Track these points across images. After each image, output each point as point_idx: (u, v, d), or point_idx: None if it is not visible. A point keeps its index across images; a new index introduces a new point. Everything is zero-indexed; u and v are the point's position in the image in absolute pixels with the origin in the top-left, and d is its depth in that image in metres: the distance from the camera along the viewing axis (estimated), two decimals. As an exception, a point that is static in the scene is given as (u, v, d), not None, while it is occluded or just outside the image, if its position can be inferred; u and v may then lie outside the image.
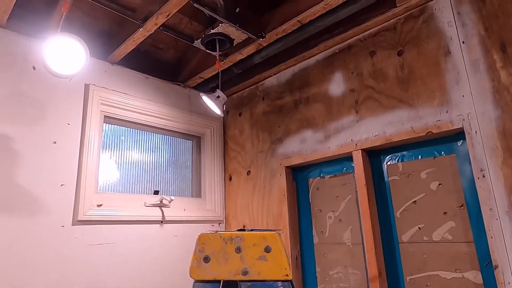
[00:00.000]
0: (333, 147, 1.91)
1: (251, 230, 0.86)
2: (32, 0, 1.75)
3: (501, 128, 1.36)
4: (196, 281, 0.83)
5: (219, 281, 0.82)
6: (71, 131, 1.80)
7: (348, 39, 1.93)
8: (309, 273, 2.01)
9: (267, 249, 0.79)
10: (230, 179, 2.47)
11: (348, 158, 1.90)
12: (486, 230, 1.34)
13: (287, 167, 2.13)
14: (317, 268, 1.98)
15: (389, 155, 1.80)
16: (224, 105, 1.89)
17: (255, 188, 2.27)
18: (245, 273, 0.79)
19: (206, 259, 0.82)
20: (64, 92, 1.82)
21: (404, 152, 1.74)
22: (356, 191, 1.83)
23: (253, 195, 2.28)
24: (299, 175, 2.17)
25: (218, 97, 1.84)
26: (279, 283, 0.76)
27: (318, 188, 2.06)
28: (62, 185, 1.70)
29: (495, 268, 1.30)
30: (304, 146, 2.05)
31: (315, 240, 2.02)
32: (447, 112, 1.52)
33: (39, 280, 1.54)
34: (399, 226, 1.70)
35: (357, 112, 1.84)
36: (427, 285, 1.56)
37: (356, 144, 1.81)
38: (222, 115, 2.04)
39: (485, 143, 1.39)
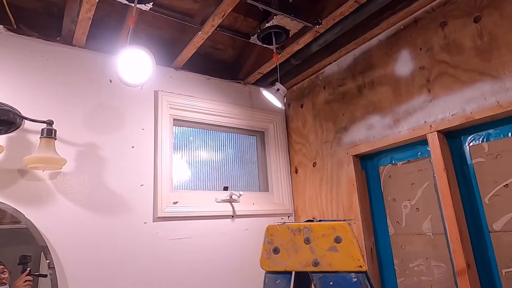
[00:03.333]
0: (404, 131, 1.78)
1: (319, 220, 0.84)
2: (105, 19, 1.93)
3: None
4: (268, 272, 0.84)
5: (290, 272, 0.81)
6: (145, 136, 1.95)
7: (413, 12, 1.77)
8: (387, 265, 1.91)
9: (337, 240, 0.76)
10: (296, 171, 2.45)
11: (422, 141, 1.76)
12: None
13: (354, 156, 2.04)
14: (395, 261, 1.87)
15: (471, 135, 1.61)
16: (285, 98, 1.88)
17: (322, 180, 2.22)
18: (316, 264, 0.77)
19: (276, 251, 0.83)
20: (137, 100, 1.98)
21: (490, 131, 1.55)
22: (434, 177, 1.68)
23: (320, 187, 2.23)
24: (368, 164, 2.07)
25: (278, 90, 1.83)
26: (353, 275, 0.73)
27: (390, 176, 1.94)
28: (142, 185, 1.86)
29: None
30: (371, 132, 1.95)
31: (391, 231, 1.91)
32: (542, 80, 1.31)
33: (129, 270, 1.71)
34: (489, 213, 1.52)
35: (429, 91, 1.69)
36: (528, 279, 1.37)
37: (430, 126, 1.66)
38: (283, 108, 2.03)
39: None
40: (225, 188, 2.23)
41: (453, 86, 1.59)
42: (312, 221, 0.84)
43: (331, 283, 0.74)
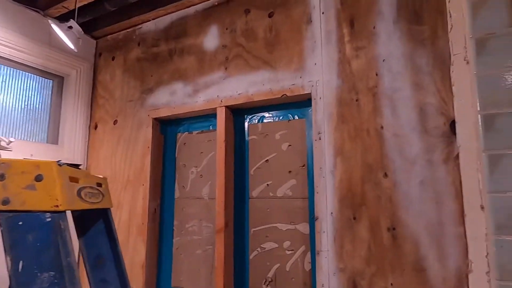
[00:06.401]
0: (200, 101, 1.88)
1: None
2: None
3: (339, 96, 1.49)
4: None
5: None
6: None
7: (227, -8, 1.88)
8: (167, 226, 2.00)
9: (38, 178, 0.71)
10: (96, 127, 2.27)
11: (215, 115, 1.90)
12: (314, 186, 1.49)
13: (155, 119, 2.03)
14: (175, 222, 1.99)
15: (252, 115, 1.85)
16: (80, 40, 1.67)
17: (120, 139, 2.13)
18: (5, 202, 0.70)
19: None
20: None
21: (265, 113, 1.81)
22: (218, 148, 1.86)
23: (117, 146, 2.14)
24: (168, 129, 2.10)
25: (71, 27, 1.60)
26: (48, 214, 0.70)
27: (185, 143, 2.03)
28: None
29: (316, 220, 1.46)
30: (173, 98, 1.98)
31: (176, 194, 2.01)
32: (301, 77, 1.60)
33: None
34: (252, 182, 1.78)
35: (226, 69, 1.83)
36: (266, 236, 1.69)
37: (221, 101, 1.81)
38: (76, 51, 1.80)
39: (325, 109, 1.52)
40: (-6, 133, 1.84)
41: (243, 69, 1.77)
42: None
43: (20, 223, 0.69)
